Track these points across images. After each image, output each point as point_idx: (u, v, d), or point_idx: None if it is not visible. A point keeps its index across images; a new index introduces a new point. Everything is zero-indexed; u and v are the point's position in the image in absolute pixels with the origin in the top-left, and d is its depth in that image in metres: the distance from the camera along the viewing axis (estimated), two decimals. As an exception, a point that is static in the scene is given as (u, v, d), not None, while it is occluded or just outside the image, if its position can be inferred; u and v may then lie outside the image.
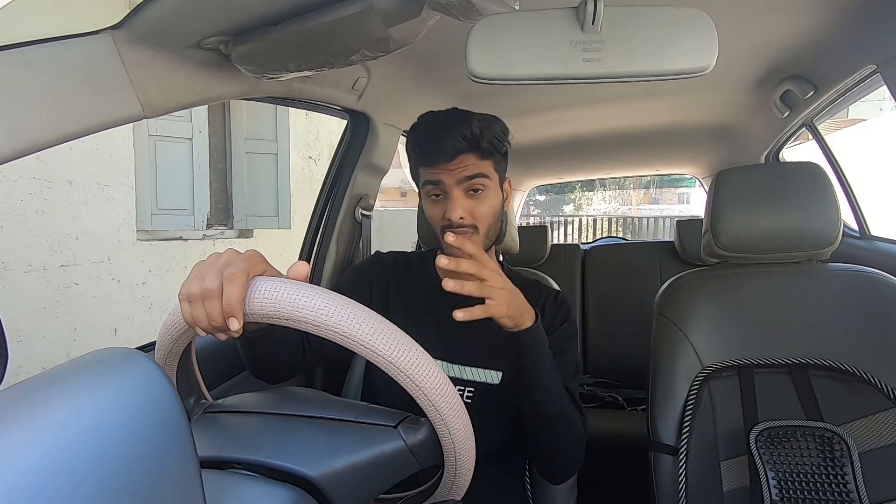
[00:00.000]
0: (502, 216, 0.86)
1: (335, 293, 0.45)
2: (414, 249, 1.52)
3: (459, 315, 0.62)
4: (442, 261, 0.62)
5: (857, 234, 1.51)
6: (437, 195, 0.81)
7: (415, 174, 0.86)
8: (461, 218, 0.77)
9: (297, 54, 0.67)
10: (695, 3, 0.60)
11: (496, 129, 0.80)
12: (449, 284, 0.61)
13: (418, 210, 1.16)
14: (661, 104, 1.51)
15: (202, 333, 0.48)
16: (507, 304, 0.66)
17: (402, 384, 0.46)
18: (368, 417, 0.51)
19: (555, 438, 0.75)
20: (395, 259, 0.95)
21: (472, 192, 0.79)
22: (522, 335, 0.69)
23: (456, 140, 0.76)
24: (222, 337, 0.48)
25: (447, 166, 0.78)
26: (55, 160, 2.63)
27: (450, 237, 0.65)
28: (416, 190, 0.88)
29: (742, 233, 0.95)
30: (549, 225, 2.95)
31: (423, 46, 0.75)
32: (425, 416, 0.48)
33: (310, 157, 4.44)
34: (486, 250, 0.85)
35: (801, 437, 0.85)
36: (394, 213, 6.24)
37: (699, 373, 0.93)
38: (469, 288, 0.63)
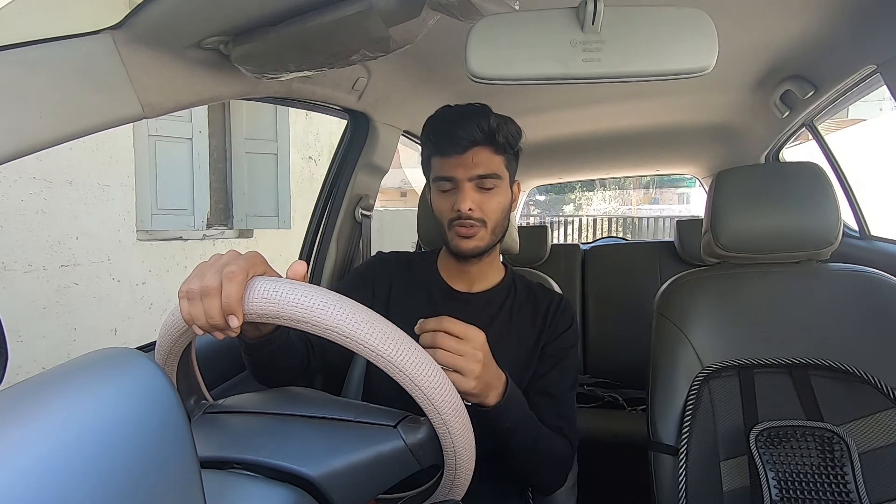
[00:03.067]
0: (509, 215, 0.86)
1: (334, 293, 0.45)
2: (414, 249, 1.51)
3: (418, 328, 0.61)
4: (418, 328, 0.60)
5: (857, 234, 1.51)
6: (447, 189, 0.81)
7: (426, 166, 0.86)
8: (470, 210, 0.77)
9: (297, 54, 0.67)
10: (695, 3, 0.60)
11: (512, 126, 0.80)
12: (425, 339, 0.59)
13: (418, 210, 1.17)
14: (661, 104, 1.51)
15: (199, 332, 0.48)
16: (476, 381, 0.60)
17: (401, 383, 0.46)
18: (368, 417, 0.51)
19: (536, 473, 0.77)
20: (398, 259, 0.95)
21: (482, 188, 0.79)
22: (488, 411, 0.65)
23: (472, 130, 0.76)
24: (220, 336, 0.48)
25: (461, 159, 0.77)
26: (55, 160, 2.63)
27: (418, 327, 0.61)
28: (416, 190, 0.88)
29: (742, 233, 0.95)
30: (549, 225, 2.95)
31: (423, 46, 0.75)
32: (425, 415, 0.48)
33: (310, 157, 4.44)
34: (493, 247, 0.85)
35: (801, 438, 0.85)
36: (394, 213, 6.23)
37: (699, 373, 0.93)
38: (441, 357, 0.58)
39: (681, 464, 0.89)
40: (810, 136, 1.52)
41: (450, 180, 0.79)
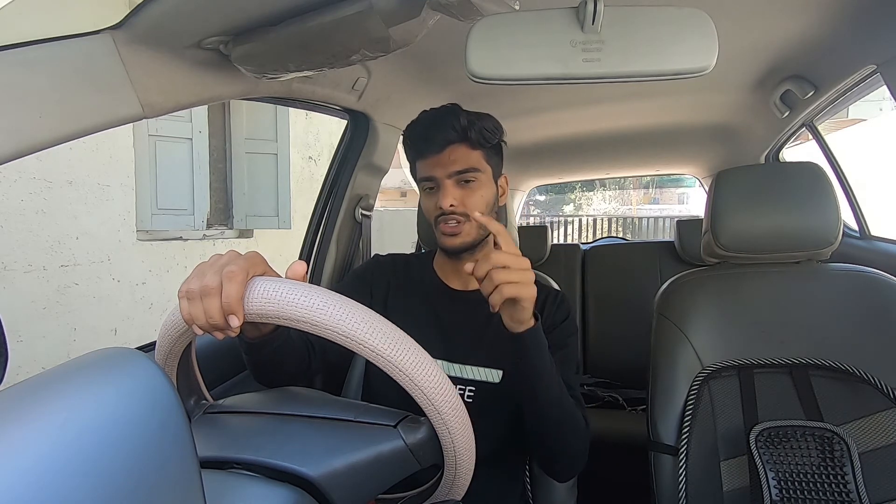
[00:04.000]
0: (496, 209, 0.87)
1: (334, 293, 0.45)
2: (414, 250, 1.51)
3: (468, 267, 0.64)
4: (468, 267, 0.64)
5: (857, 234, 1.51)
6: (431, 188, 0.84)
7: (413, 171, 0.89)
8: (452, 205, 0.80)
9: (297, 54, 0.67)
10: (695, 3, 0.60)
11: (487, 122, 0.82)
12: (468, 267, 0.64)
13: (418, 210, 1.17)
14: (661, 104, 1.51)
15: (199, 332, 0.48)
16: (533, 290, 0.64)
17: (401, 383, 0.46)
18: (368, 417, 0.51)
19: (560, 438, 0.75)
20: (394, 261, 0.95)
21: (463, 183, 0.81)
22: (525, 335, 0.68)
23: (446, 130, 0.79)
24: (219, 336, 0.48)
25: (439, 158, 0.80)
26: (55, 160, 2.63)
27: (467, 267, 0.65)
28: (416, 190, 0.89)
29: (742, 233, 0.95)
30: (549, 225, 2.95)
31: (423, 46, 0.75)
32: (425, 415, 0.48)
33: (310, 157, 4.44)
34: (482, 241, 0.85)
35: (801, 438, 0.85)
36: (394, 213, 6.24)
37: (699, 373, 0.93)
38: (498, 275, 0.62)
39: (681, 464, 0.89)
40: (810, 136, 1.52)
41: (431, 180, 0.82)
